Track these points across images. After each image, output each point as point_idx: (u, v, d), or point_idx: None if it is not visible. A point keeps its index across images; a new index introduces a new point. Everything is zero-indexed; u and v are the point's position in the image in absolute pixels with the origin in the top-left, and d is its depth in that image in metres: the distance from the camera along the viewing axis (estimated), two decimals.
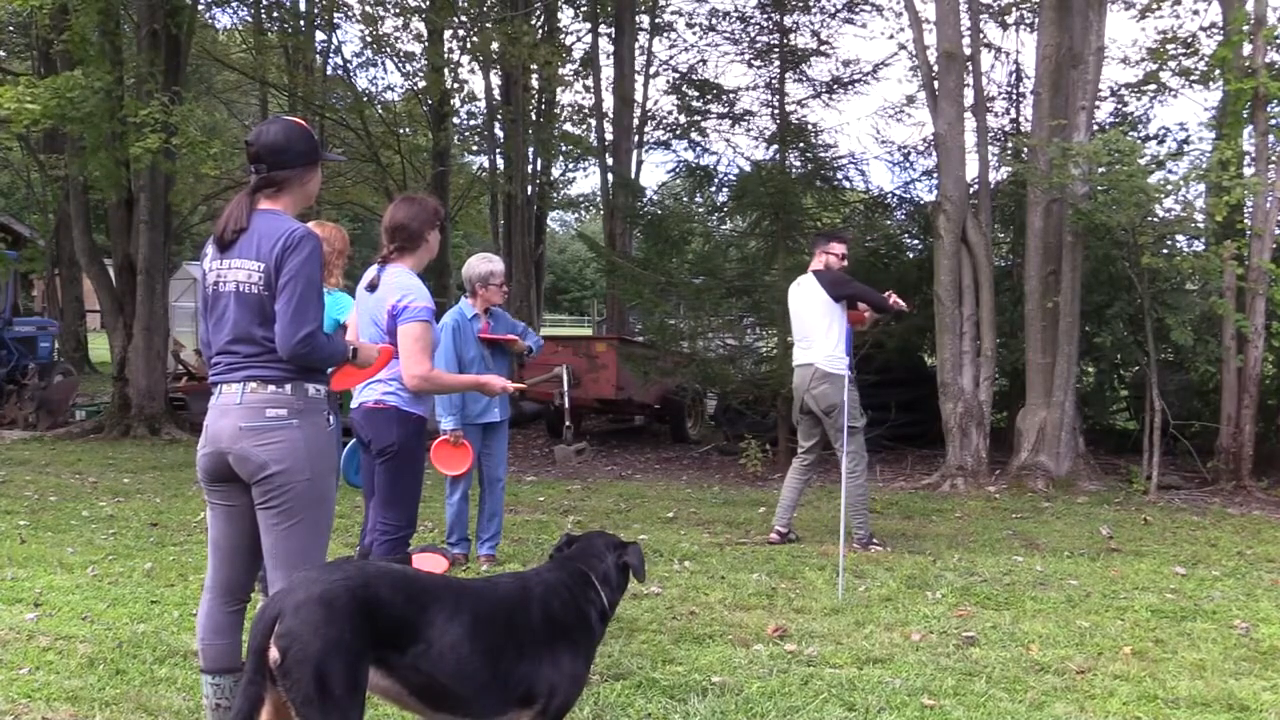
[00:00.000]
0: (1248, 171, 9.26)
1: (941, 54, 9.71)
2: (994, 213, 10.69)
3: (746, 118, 11.87)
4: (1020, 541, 6.89)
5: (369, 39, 17.61)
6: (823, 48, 11.49)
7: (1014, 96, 13.07)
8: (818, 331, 6.45)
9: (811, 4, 11.43)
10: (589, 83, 18.76)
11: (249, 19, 18.36)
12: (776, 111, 11.35)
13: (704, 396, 13.24)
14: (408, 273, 4.11)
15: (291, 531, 3.10)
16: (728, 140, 20.46)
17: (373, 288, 4.15)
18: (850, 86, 11.59)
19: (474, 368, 5.80)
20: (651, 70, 18.86)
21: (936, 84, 9.81)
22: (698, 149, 12.47)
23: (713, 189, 12.11)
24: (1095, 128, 9.96)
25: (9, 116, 10.65)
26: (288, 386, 3.11)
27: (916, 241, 12.73)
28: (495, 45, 15.13)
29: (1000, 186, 11.63)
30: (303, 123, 3.31)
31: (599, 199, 20.92)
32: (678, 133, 13.63)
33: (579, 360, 11.23)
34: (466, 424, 5.83)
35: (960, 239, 9.58)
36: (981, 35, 11.38)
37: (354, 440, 4.65)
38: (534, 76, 16.79)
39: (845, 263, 6.79)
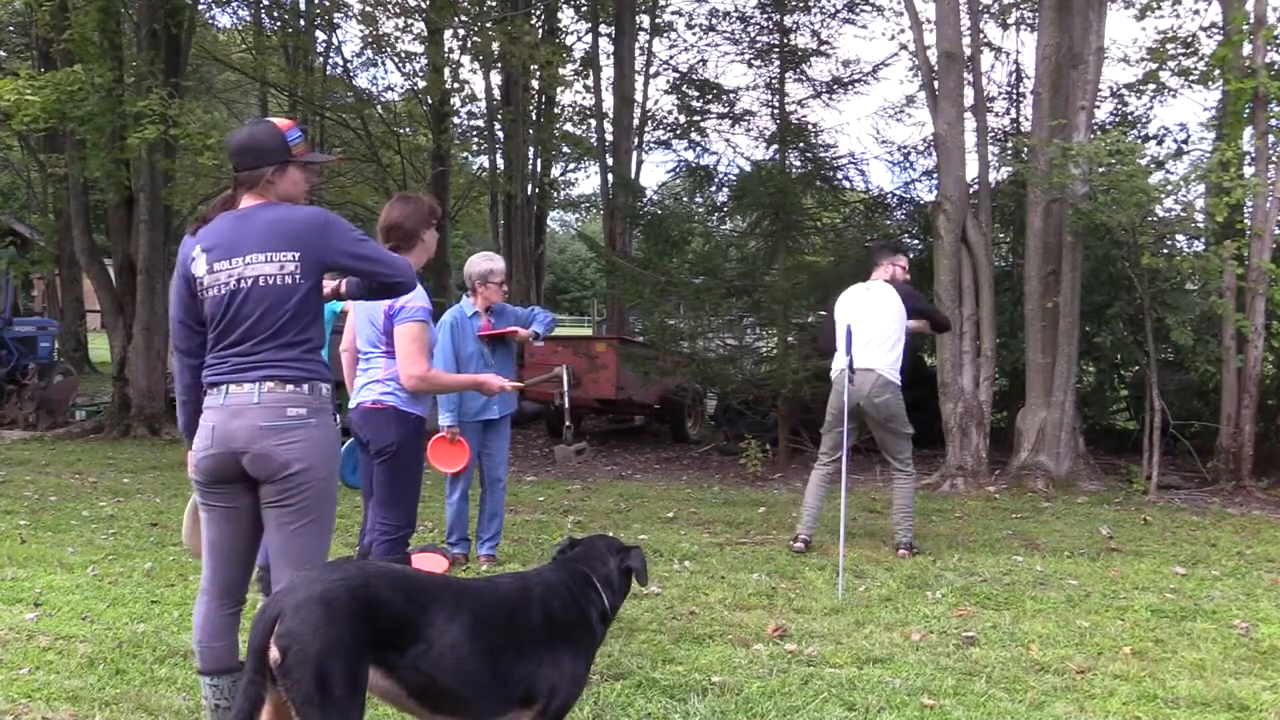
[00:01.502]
0: (1248, 171, 9.26)
1: (941, 54, 9.71)
2: (994, 213, 10.69)
3: (746, 118, 11.87)
4: (1020, 541, 6.89)
5: (369, 39, 17.62)
6: (823, 48, 11.50)
7: (1014, 96, 13.08)
8: (887, 340, 6.31)
9: (811, 4, 11.43)
10: (589, 83, 18.77)
11: (249, 19, 18.38)
12: (776, 111, 11.35)
13: (704, 396, 13.24)
14: None
15: (303, 530, 3.10)
16: (728, 140, 20.50)
17: None
18: (850, 86, 11.59)
19: (471, 364, 5.80)
20: (651, 70, 18.87)
21: (936, 84, 9.82)
22: (698, 149, 12.48)
23: (713, 189, 12.11)
24: (1095, 128, 9.96)
25: (9, 110, 10.65)
26: (305, 386, 3.11)
27: (916, 241, 12.73)
28: (495, 45, 15.13)
29: (1000, 186, 11.63)
30: (278, 123, 3.28)
31: (599, 199, 20.93)
32: (678, 133, 13.63)
33: (579, 360, 11.23)
34: (464, 421, 5.83)
35: (960, 239, 9.58)
36: (981, 35, 11.39)
37: (351, 440, 4.65)
38: (534, 77, 16.79)
39: (908, 277, 6.82)
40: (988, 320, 9.60)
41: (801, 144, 11.28)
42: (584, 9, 18.88)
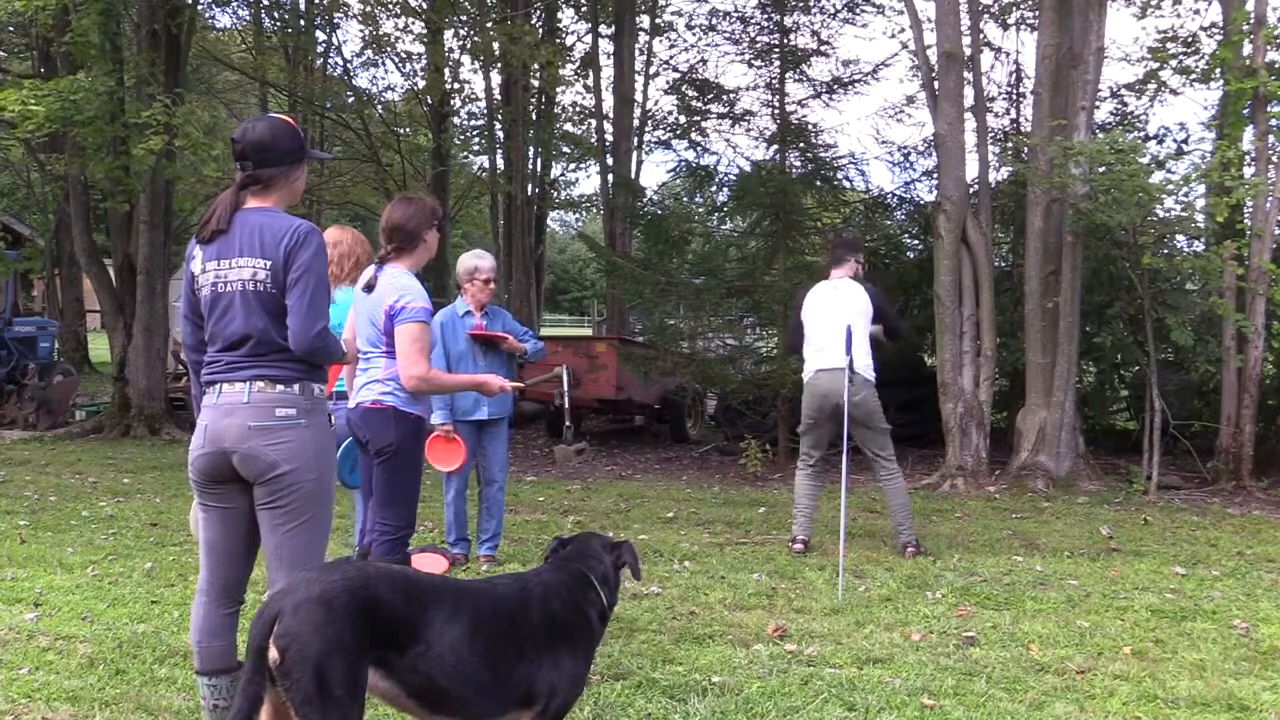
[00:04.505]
0: (1248, 171, 9.26)
1: (941, 54, 9.71)
2: (994, 213, 10.68)
3: (746, 118, 11.87)
4: (1020, 541, 6.89)
5: (369, 39, 17.63)
6: (823, 48, 11.51)
7: (1014, 96, 13.08)
8: (857, 338, 6.28)
9: (811, 4, 11.43)
10: (589, 83, 18.78)
11: (249, 19, 18.38)
12: (776, 111, 11.36)
13: (704, 396, 13.25)
14: (405, 273, 4.11)
15: (297, 531, 3.09)
16: (728, 140, 20.53)
17: (370, 288, 4.15)
18: (850, 86, 11.60)
19: (462, 364, 5.80)
20: (651, 70, 18.88)
21: (936, 84, 9.82)
22: (698, 149, 12.50)
23: (713, 189, 12.11)
24: (1095, 128, 9.96)
25: (14, 120, 10.65)
26: (296, 386, 3.11)
27: (916, 241, 12.74)
28: (496, 45, 15.13)
29: (1000, 186, 11.63)
30: (290, 120, 3.28)
31: (599, 199, 20.93)
32: (678, 133, 13.62)
33: (579, 360, 11.23)
34: (456, 420, 5.84)
35: (960, 239, 9.57)
36: (981, 35, 11.39)
37: (349, 439, 4.65)
38: (534, 77, 16.80)
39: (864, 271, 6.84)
40: (988, 320, 9.60)
41: (801, 144, 11.29)
42: (584, 9, 18.89)
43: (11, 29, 17.46)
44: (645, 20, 18.42)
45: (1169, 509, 8.18)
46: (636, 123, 17.75)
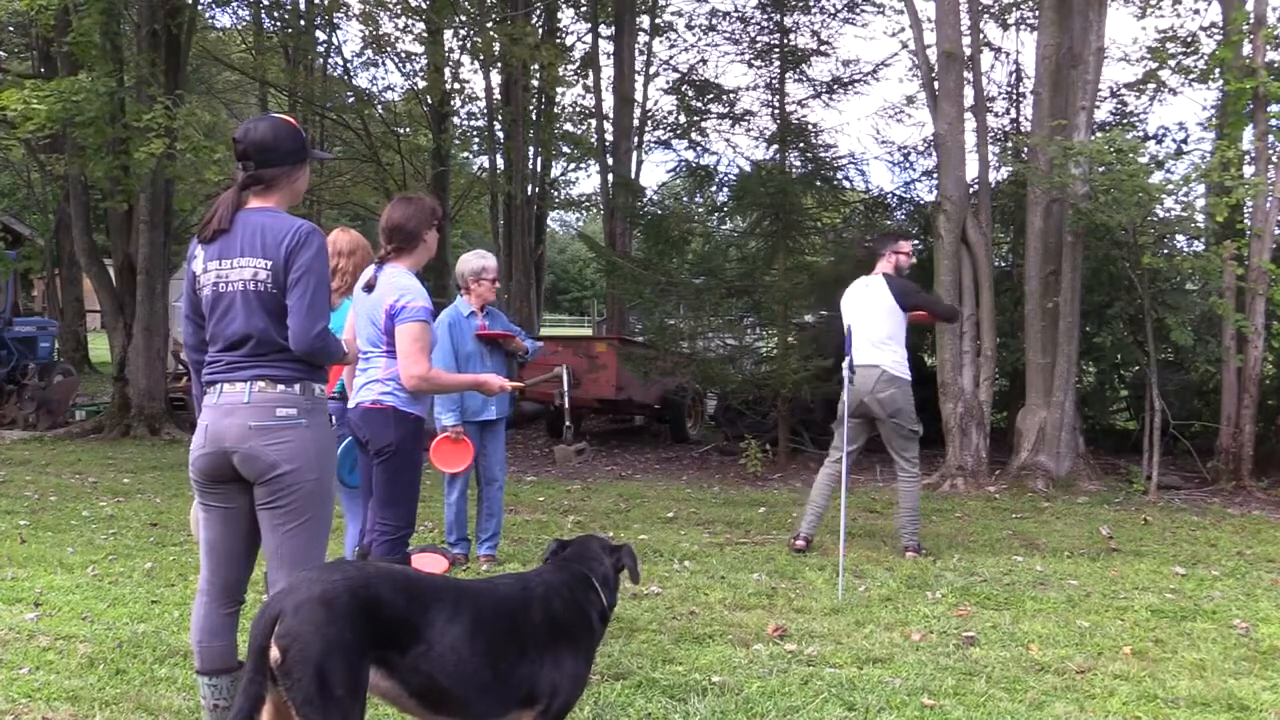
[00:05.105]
0: (1248, 171, 9.27)
1: (941, 54, 9.71)
2: (994, 213, 10.69)
3: (746, 118, 11.87)
4: (1020, 541, 6.89)
5: (369, 39, 17.64)
6: (823, 48, 11.49)
7: (1014, 96, 13.09)
8: (886, 335, 6.30)
9: (811, 4, 11.43)
10: (589, 83, 18.79)
11: (249, 19, 18.39)
12: (776, 111, 11.36)
13: (704, 396, 13.25)
14: (405, 273, 4.11)
15: (297, 531, 3.09)
16: (728, 140, 20.50)
17: (370, 288, 4.15)
18: (850, 86, 11.59)
19: (470, 364, 5.80)
20: (651, 70, 18.89)
21: (936, 84, 9.82)
22: (698, 149, 12.49)
23: (713, 189, 12.11)
24: (1095, 128, 9.97)
25: (15, 120, 10.64)
26: (296, 386, 3.11)
27: (916, 242, 12.73)
28: (496, 46, 15.13)
29: (1000, 186, 11.63)
30: (292, 120, 3.28)
31: (599, 199, 20.94)
32: (678, 133, 13.63)
33: (579, 360, 11.23)
34: (465, 421, 5.84)
35: (960, 239, 9.58)
36: (981, 35, 11.40)
37: (349, 439, 4.65)
38: (534, 77, 16.80)
39: (913, 259, 6.80)
40: (988, 320, 9.60)
41: (801, 144, 11.28)
42: (584, 9, 18.90)
43: (11, 29, 17.46)
44: (645, 20, 18.43)
45: (1169, 509, 8.18)
46: (636, 123, 17.76)
